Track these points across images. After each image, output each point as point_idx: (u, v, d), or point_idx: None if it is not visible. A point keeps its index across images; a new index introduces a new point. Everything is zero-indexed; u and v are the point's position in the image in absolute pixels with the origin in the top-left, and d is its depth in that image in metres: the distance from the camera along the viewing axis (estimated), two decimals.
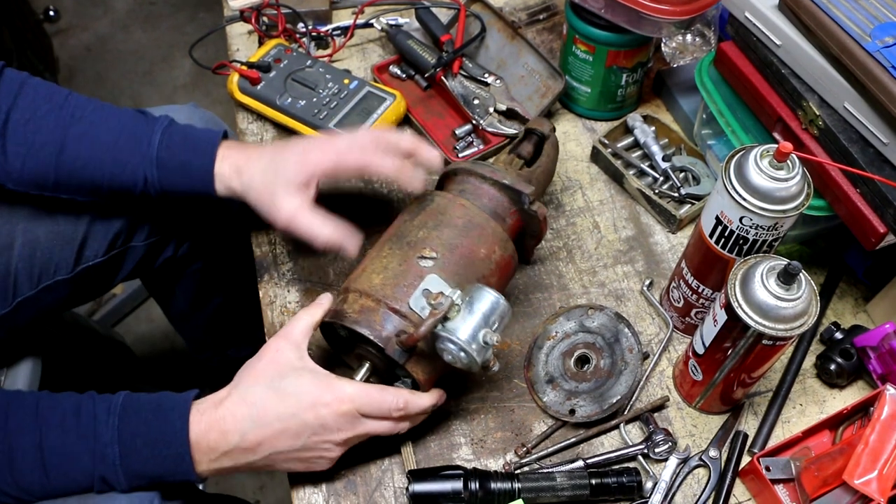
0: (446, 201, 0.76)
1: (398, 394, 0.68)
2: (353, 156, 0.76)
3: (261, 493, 1.53)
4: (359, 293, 0.70)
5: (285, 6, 1.06)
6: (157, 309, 1.33)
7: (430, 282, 0.70)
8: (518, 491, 0.70)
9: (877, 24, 0.69)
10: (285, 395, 0.66)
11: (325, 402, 0.65)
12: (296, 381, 0.66)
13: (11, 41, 1.89)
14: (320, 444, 0.67)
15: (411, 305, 0.68)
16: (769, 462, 0.72)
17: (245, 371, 0.69)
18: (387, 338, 0.68)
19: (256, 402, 0.66)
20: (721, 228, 0.69)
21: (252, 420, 0.65)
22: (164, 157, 0.77)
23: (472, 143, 0.98)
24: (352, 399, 0.66)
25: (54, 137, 0.76)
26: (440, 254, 0.72)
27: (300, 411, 0.65)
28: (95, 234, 0.91)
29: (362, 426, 0.67)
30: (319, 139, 0.81)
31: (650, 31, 0.88)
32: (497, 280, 0.75)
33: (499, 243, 0.75)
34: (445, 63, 0.98)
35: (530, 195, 0.77)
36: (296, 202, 0.75)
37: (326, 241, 0.74)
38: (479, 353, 0.65)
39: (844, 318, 0.86)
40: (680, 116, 1.01)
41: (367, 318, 0.69)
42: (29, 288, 0.89)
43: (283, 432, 0.65)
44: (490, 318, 0.66)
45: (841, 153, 0.73)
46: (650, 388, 0.81)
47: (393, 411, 0.67)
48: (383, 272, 0.71)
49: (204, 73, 1.74)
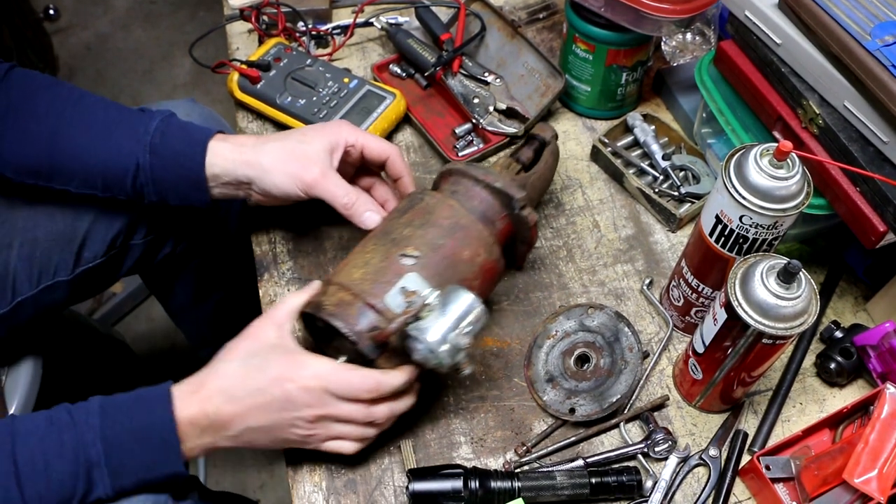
0: (435, 201, 0.76)
1: (368, 373, 0.67)
2: (381, 144, 0.81)
3: (261, 492, 1.53)
4: (338, 286, 0.70)
5: (285, 5, 1.06)
6: (158, 308, 1.33)
7: (409, 280, 0.69)
8: (518, 490, 0.70)
9: (877, 22, 0.69)
10: (255, 369, 0.66)
11: (291, 377, 0.65)
12: (267, 357, 0.67)
13: (11, 40, 1.88)
14: (291, 421, 0.66)
15: (387, 302, 0.68)
16: (769, 461, 0.72)
17: (225, 348, 0.69)
18: (360, 332, 0.68)
19: (229, 376, 0.66)
20: (721, 227, 0.69)
21: (224, 394, 0.65)
22: (157, 144, 0.77)
23: (471, 141, 0.98)
24: (318, 375, 0.66)
25: (49, 122, 0.77)
26: (422, 253, 0.71)
27: (267, 386, 0.65)
28: (94, 235, 0.91)
29: (332, 406, 0.66)
30: (345, 121, 0.84)
31: (650, 30, 0.88)
32: (480, 284, 0.74)
33: (484, 247, 0.74)
34: (445, 62, 0.98)
35: (521, 200, 0.76)
36: (327, 161, 0.77)
37: (347, 205, 0.77)
38: (447, 354, 0.65)
39: (844, 317, 0.86)
40: (680, 115, 1.01)
41: (343, 312, 0.68)
42: (29, 288, 0.89)
43: (253, 407, 0.65)
44: (463, 321, 0.66)
45: (841, 152, 0.73)
46: (650, 387, 0.81)
47: (362, 391, 0.66)
48: (364, 267, 0.71)
49: (204, 71, 1.74)
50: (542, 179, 0.85)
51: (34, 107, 0.79)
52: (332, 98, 0.97)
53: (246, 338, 0.69)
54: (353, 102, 0.97)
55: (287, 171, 0.77)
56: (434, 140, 0.97)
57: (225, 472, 1.55)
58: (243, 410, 0.65)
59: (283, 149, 0.78)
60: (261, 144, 0.78)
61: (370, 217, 0.77)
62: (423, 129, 0.99)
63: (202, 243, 1.09)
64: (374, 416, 0.68)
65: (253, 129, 1.01)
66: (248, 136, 0.81)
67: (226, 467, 1.55)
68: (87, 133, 0.78)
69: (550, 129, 0.86)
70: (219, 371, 0.67)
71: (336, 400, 0.66)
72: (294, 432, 0.67)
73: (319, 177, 0.76)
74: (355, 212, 0.77)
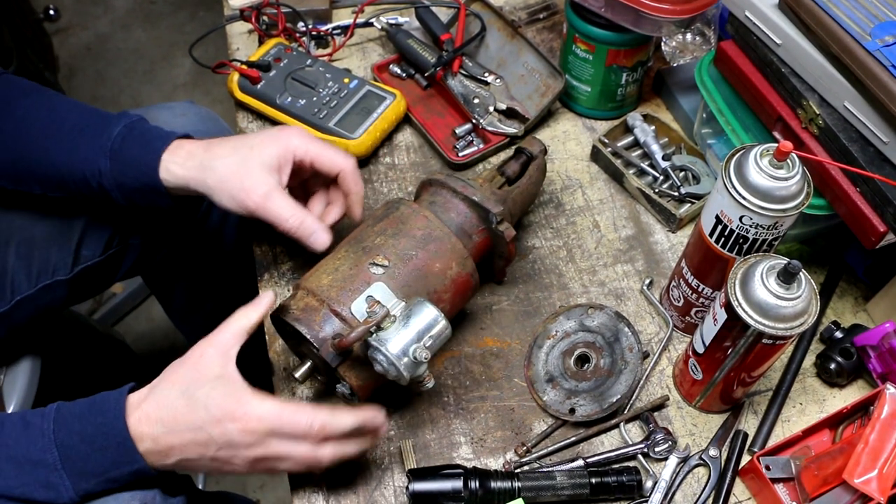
0: (410, 211, 0.75)
1: (314, 414, 0.63)
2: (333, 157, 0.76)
3: (261, 493, 1.53)
4: (306, 291, 0.71)
5: (285, 5, 1.06)
6: (157, 308, 1.33)
7: (376, 289, 0.69)
8: (518, 490, 0.70)
9: (877, 22, 0.69)
10: (196, 405, 0.62)
11: (233, 417, 0.62)
12: (209, 392, 0.63)
13: (11, 40, 1.88)
14: (229, 459, 0.64)
15: (352, 310, 0.68)
16: (769, 461, 0.72)
17: (167, 372, 0.66)
18: (323, 339, 0.68)
19: (168, 406, 0.63)
20: (721, 227, 0.69)
21: (163, 425, 0.63)
22: (117, 149, 0.75)
23: (472, 142, 0.98)
24: (261, 418, 0.62)
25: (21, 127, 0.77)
26: (392, 263, 0.71)
27: (207, 424, 0.62)
28: (91, 234, 0.91)
29: (274, 447, 0.63)
30: (296, 128, 0.79)
31: (650, 30, 0.88)
32: (451, 297, 0.74)
33: (457, 260, 0.74)
34: (445, 62, 0.98)
35: (498, 215, 0.76)
36: (271, 181, 0.73)
37: (293, 228, 0.73)
38: (407, 367, 0.65)
39: (844, 317, 0.86)
40: (680, 115, 1.01)
41: (308, 317, 0.68)
42: (27, 287, 0.89)
43: (191, 442, 0.63)
44: (424, 335, 0.66)
45: (841, 152, 0.73)
46: (650, 387, 0.81)
47: (307, 434, 0.63)
48: (333, 273, 0.71)
49: (204, 72, 1.74)
50: (525, 195, 0.84)
51: (11, 112, 0.78)
52: (332, 98, 0.97)
53: (187, 365, 0.65)
54: (353, 103, 0.97)
55: (230, 193, 0.73)
56: (434, 140, 0.97)
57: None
58: (182, 444, 0.63)
59: (229, 167, 0.73)
60: (209, 160, 0.74)
61: (318, 238, 0.74)
62: (423, 129, 0.99)
63: (202, 242, 1.09)
64: (318, 457, 0.65)
65: (253, 129, 1.01)
66: (199, 146, 0.76)
67: None
68: (52, 138, 0.77)
69: (539, 143, 0.86)
70: (159, 400, 0.64)
71: (279, 440, 0.63)
72: (234, 466, 0.65)
73: (262, 200, 0.72)
74: (302, 234, 0.74)
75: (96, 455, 0.62)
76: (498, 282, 0.87)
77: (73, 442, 0.62)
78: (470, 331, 0.84)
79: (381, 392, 0.75)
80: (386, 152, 0.99)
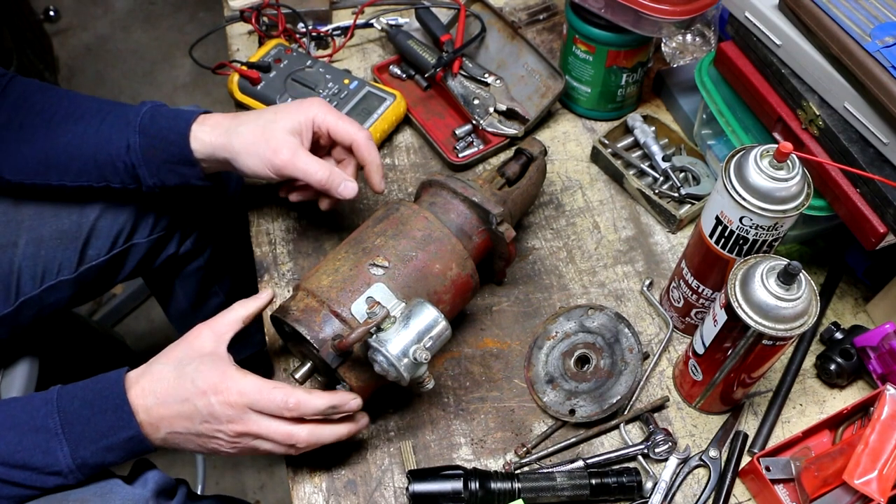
0: (410, 212, 0.75)
1: (290, 392, 0.66)
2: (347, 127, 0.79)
3: (261, 493, 1.53)
4: (306, 292, 0.71)
5: (285, 6, 1.06)
6: (157, 309, 1.33)
7: (376, 290, 0.70)
8: (518, 491, 0.70)
9: (877, 23, 0.69)
10: (185, 378, 0.66)
11: (216, 390, 0.65)
12: (198, 367, 0.67)
13: (11, 41, 1.88)
14: (212, 434, 0.66)
15: (353, 311, 0.68)
16: (769, 462, 0.72)
17: (166, 349, 0.70)
18: (323, 340, 0.68)
19: (162, 379, 0.67)
20: (721, 228, 0.69)
21: (155, 396, 0.66)
22: (146, 124, 0.78)
23: (472, 143, 0.98)
24: (241, 392, 0.65)
25: (42, 118, 0.79)
26: (392, 264, 0.71)
27: (192, 396, 0.65)
28: (99, 232, 0.91)
29: (254, 423, 0.66)
30: (317, 98, 0.82)
31: (650, 31, 0.88)
32: (451, 298, 0.74)
33: (457, 261, 0.74)
34: (445, 63, 0.98)
35: (499, 216, 0.76)
36: (295, 142, 0.77)
37: (322, 180, 0.76)
38: (407, 368, 0.65)
39: (844, 318, 0.86)
40: (680, 116, 1.01)
41: (308, 318, 0.69)
42: (32, 287, 0.89)
43: (178, 415, 0.66)
44: (424, 336, 0.66)
45: (841, 153, 0.73)
46: (650, 388, 0.81)
47: (283, 410, 0.65)
48: (333, 274, 0.71)
49: (204, 72, 1.74)
50: (525, 195, 0.84)
51: (31, 105, 0.80)
52: (332, 99, 0.97)
53: (184, 343, 0.70)
54: (354, 104, 0.97)
55: (257, 153, 0.76)
56: (434, 141, 0.97)
57: (224, 473, 1.55)
58: (170, 416, 0.66)
59: (254, 131, 0.77)
60: (234, 126, 0.78)
61: (347, 187, 0.77)
62: (423, 130, 0.99)
63: (205, 243, 1.09)
64: (294, 437, 0.67)
65: None
66: (225, 116, 0.80)
67: (225, 468, 1.55)
68: (80, 123, 0.79)
69: (539, 144, 0.86)
70: (154, 372, 0.68)
71: (258, 416, 0.66)
72: (218, 443, 0.67)
73: (289, 157, 0.76)
74: (331, 185, 0.77)
75: (96, 418, 0.65)
76: (498, 283, 0.87)
77: (74, 406, 0.66)
78: (470, 332, 0.84)
79: (381, 393, 0.75)
80: (386, 153, 0.99)
